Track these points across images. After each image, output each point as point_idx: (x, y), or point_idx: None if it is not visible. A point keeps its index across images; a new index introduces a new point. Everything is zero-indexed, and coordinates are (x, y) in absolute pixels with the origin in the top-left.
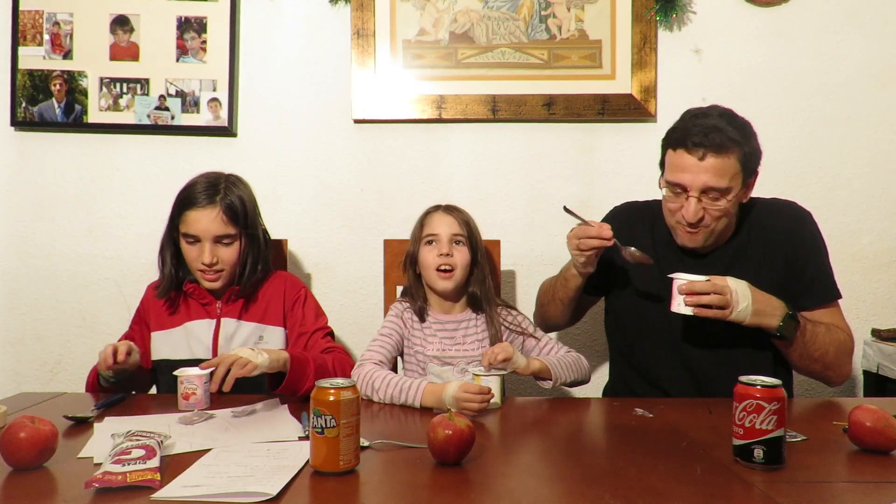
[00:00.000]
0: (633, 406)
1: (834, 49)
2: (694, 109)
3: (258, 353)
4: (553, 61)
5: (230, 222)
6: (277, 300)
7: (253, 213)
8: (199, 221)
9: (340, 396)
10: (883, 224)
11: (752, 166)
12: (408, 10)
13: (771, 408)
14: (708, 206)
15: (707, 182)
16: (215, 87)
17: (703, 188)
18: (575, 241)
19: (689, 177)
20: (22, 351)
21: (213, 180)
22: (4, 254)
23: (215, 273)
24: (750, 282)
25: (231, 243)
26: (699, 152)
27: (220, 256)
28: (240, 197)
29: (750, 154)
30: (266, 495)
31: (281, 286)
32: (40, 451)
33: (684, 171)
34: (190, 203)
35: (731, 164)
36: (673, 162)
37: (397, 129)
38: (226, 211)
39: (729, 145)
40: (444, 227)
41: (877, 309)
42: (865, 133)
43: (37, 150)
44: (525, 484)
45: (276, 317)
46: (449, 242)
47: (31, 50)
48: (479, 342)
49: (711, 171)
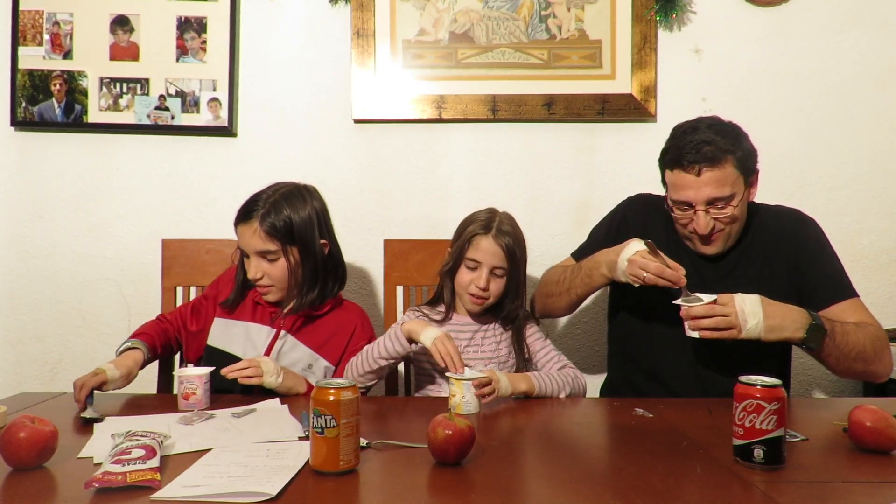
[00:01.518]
0: (633, 406)
1: (834, 49)
2: (682, 125)
3: (279, 374)
4: (553, 61)
5: (269, 238)
6: (342, 336)
7: (306, 228)
8: (242, 236)
9: (340, 396)
10: (883, 224)
11: (749, 166)
12: (408, 10)
13: (771, 408)
14: (717, 216)
15: (710, 194)
16: (215, 87)
17: (707, 201)
18: (642, 272)
19: (692, 193)
20: (22, 351)
21: (263, 193)
22: (4, 254)
23: (264, 287)
24: (752, 280)
25: (276, 259)
26: (695, 169)
27: (266, 271)
28: (285, 211)
29: (744, 157)
30: (266, 495)
31: (352, 324)
32: (40, 451)
33: (686, 189)
34: (238, 217)
35: (728, 172)
36: (673, 182)
37: (397, 129)
38: (266, 227)
39: (722, 156)
40: (488, 256)
41: (877, 309)
42: (865, 133)
43: (37, 150)
44: (525, 484)
45: (334, 352)
46: (489, 273)
47: (31, 50)
48: (497, 344)
49: (711, 183)
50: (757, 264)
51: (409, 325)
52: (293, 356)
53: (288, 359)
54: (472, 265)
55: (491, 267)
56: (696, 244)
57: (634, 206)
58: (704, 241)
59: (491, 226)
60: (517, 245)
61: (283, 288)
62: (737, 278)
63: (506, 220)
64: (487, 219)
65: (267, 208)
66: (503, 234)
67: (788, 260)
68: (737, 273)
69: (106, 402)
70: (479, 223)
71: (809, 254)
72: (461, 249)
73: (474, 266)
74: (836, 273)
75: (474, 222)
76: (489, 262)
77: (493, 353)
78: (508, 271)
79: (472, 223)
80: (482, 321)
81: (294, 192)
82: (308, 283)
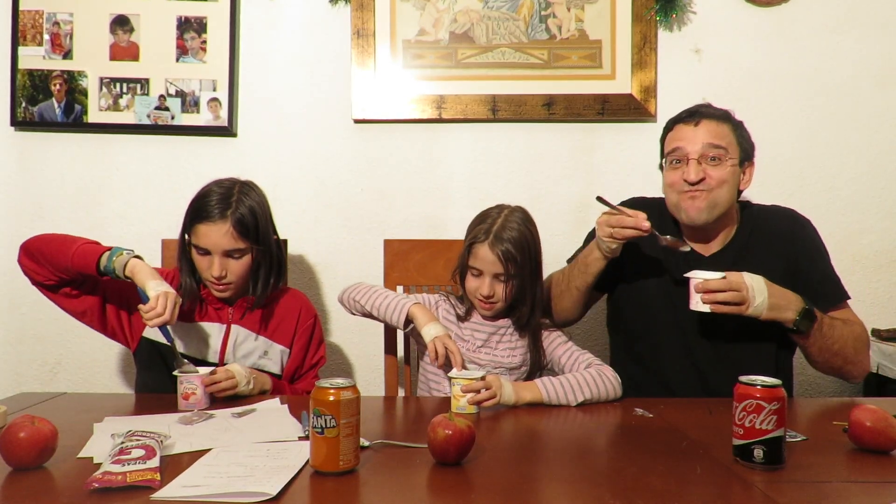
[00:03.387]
0: (633, 406)
1: (834, 49)
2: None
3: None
4: (553, 61)
5: (241, 237)
6: (290, 321)
7: (265, 225)
8: (209, 236)
9: (340, 396)
10: (883, 224)
11: (746, 148)
12: (408, 10)
13: (771, 408)
14: (708, 169)
15: (705, 140)
16: (215, 87)
17: (702, 150)
18: (608, 228)
19: (688, 141)
20: (22, 351)
21: (226, 192)
22: (4, 254)
23: (224, 285)
24: None
25: (241, 257)
26: (694, 120)
27: (230, 269)
28: (252, 210)
29: (742, 135)
30: (266, 495)
31: (296, 308)
32: (40, 451)
33: (682, 140)
34: (201, 216)
35: (725, 130)
36: (670, 137)
37: (397, 129)
38: (236, 226)
39: (720, 115)
40: (487, 264)
41: (877, 309)
42: (865, 133)
43: (37, 150)
44: (525, 484)
45: (285, 336)
46: (492, 281)
47: (31, 50)
48: (511, 350)
49: (708, 132)
50: (753, 264)
51: (416, 309)
52: (248, 346)
53: (244, 349)
54: (476, 272)
55: (492, 274)
56: (681, 207)
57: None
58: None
59: (491, 231)
60: (520, 249)
61: (241, 285)
62: None
63: (512, 221)
64: (490, 223)
65: (237, 207)
66: (502, 240)
67: (785, 261)
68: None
69: (106, 402)
70: (481, 228)
71: (807, 256)
72: (466, 256)
73: (477, 273)
74: (831, 275)
75: (478, 226)
76: (490, 270)
77: (507, 358)
78: (513, 276)
79: (476, 225)
80: (499, 325)
81: (251, 189)
82: (264, 278)
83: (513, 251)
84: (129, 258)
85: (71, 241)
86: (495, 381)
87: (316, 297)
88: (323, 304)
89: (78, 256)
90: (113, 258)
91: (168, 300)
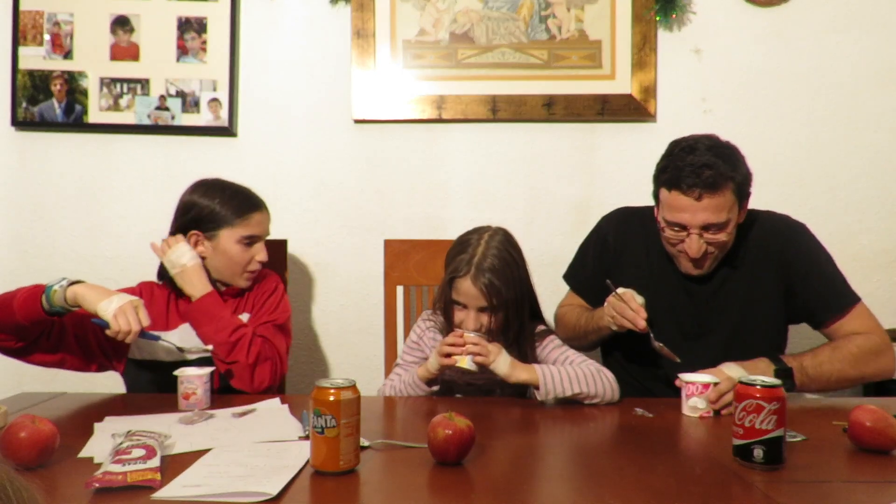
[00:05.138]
0: (633, 406)
1: (834, 49)
2: (680, 142)
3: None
4: (553, 61)
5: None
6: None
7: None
8: (261, 224)
9: (340, 396)
10: (883, 224)
11: (745, 191)
12: (408, 10)
13: (771, 408)
14: (710, 240)
15: (706, 220)
16: (215, 87)
17: (703, 225)
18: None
19: (688, 216)
20: None
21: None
22: (4, 254)
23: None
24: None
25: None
26: (695, 193)
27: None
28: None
29: (742, 182)
30: (266, 495)
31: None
32: (40, 451)
33: (683, 212)
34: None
35: (727, 198)
36: (669, 202)
37: (397, 129)
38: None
39: (722, 182)
40: (471, 298)
41: (877, 309)
42: (865, 133)
43: (37, 150)
44: (525, 484)
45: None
46: (477, 314)
47: (32, 50)
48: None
49: (709, 209)
50: (745, 281)
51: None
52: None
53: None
54: (459, 306)
55: (477, 308)
56: (682, 264)
57: (613, 225)
58: (696, 264)
59: (472, 263)
60: (503, 278)
61: None
62: (726, 295)
63: (492, 248)
64: (470, 254)
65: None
66: (483, 272)
67: (778, 281)
68: (726, 290)
69: (106, 402)
70: (461, 259)
71: (800, 274)
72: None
73: (462, 307)
74: (831, 284)
75: (457, 256)
76: (474, 304)
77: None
78: (497, 307)
79: (456, 256)
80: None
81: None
82: None
83: (496, 283)
84: (65, 289)
85: (10, 298)
86: (495, 348)
87: (316, 297)
88: (323, 303)
89: (21, 310)
90: (51, 297)
91: (128, 313)
